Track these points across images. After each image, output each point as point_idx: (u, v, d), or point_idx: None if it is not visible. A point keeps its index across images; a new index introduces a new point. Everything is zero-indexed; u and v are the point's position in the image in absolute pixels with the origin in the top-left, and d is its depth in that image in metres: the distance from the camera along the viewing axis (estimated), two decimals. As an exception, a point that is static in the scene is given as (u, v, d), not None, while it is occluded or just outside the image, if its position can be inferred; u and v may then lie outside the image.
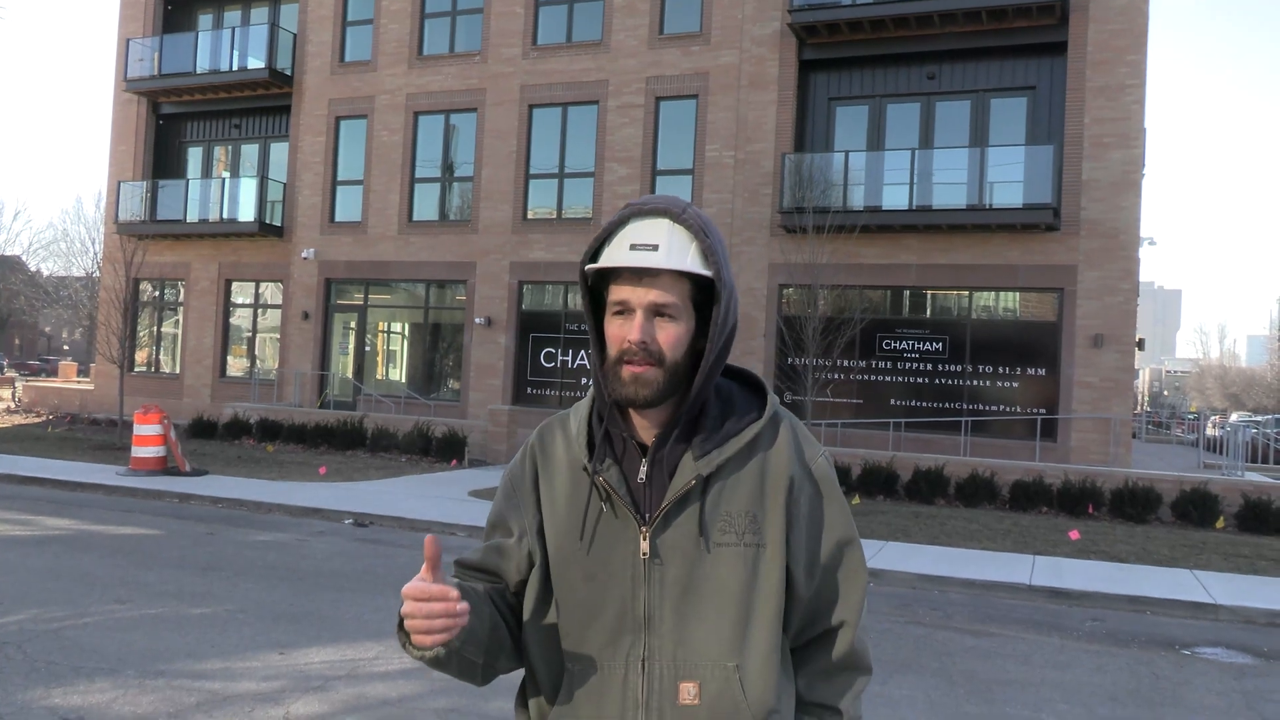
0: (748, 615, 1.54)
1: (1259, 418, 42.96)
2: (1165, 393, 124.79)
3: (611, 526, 1.57)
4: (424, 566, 1.45)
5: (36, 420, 24.11)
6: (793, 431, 1.64)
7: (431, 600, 1.43)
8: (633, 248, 1.51)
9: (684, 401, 1.57)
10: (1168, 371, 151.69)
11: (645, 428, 1.59)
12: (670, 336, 1.53)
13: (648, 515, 1.56)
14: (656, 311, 1.52)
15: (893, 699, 5.78)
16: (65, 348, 78.89)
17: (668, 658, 1.53)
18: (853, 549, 1.66)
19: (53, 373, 52.35)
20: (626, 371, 1.52)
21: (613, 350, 1.54)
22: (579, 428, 1.63)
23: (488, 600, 1.61)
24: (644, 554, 1.54)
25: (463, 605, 1.44)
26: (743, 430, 1.58)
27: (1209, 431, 32.40)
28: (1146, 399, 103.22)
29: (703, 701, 1.52)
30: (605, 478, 1.56)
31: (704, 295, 1.56)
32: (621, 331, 1.53)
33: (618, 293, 1.53)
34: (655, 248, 1.50)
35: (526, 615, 1.63)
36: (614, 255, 1.53)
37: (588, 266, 1.56)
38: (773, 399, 1.64)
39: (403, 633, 1.51)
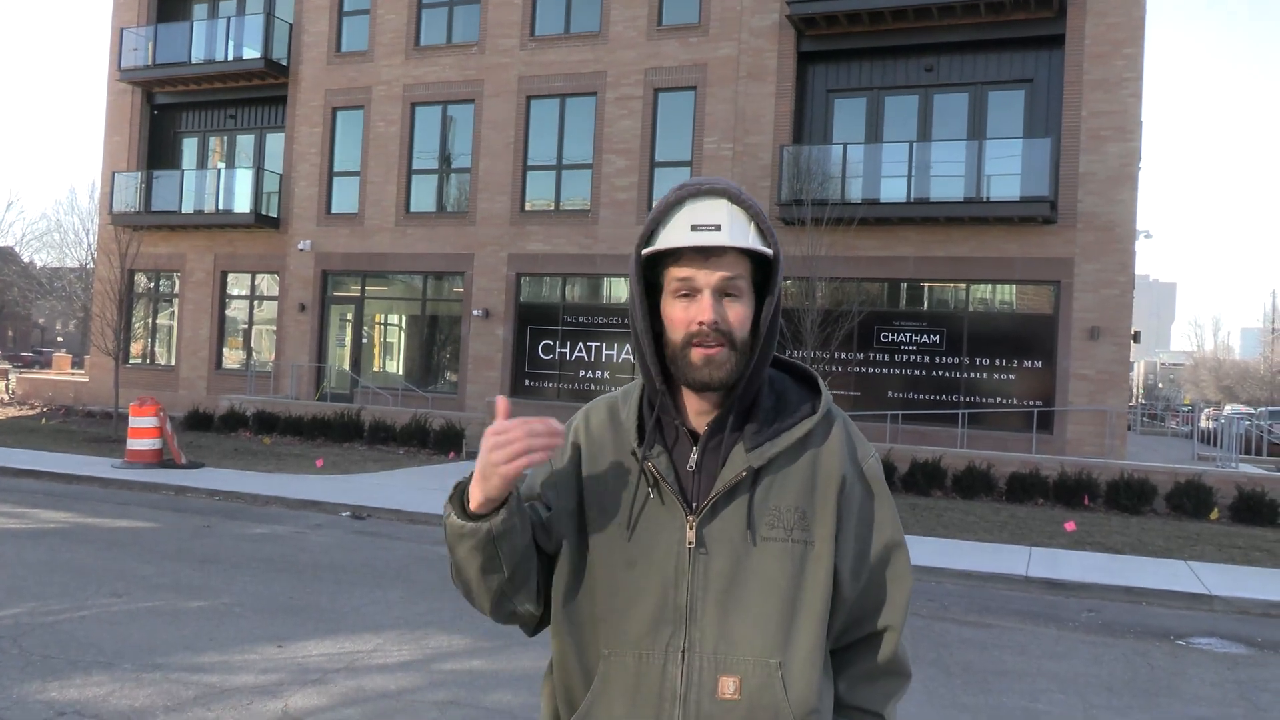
0: (793, 612, 1.52)
1: (1253, 410, 43.06)
2: (1160, 385, 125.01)
3: (658, 513, 1.54)
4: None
5: (30, 413, 24.06)
6: (845, 429, 1.62)
7: (520, 424, 1.42)
8: (694, 228, 1.49)
9: (738, 386, 1.55)
10: (1162, 364, 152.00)
11: (698, 415, 1.57)
12: (739, 315, 1.52)
13: (695, 504, 1.53)
14: (724, 291, 1.51)
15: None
16: (59, 340, 78.73)
17: (708, 650, 1.50)
18: (900, 552, 1.65)
19: (47, 365, 52.24)
20: (698, 354, 1.50)
21: (677, 334, 1.51)
22: (629, 413, 1.60)
23: (529, 521, 1.58)
24: (689, 543, 1.52)
25: (550, 432, 1.44)
26: (796, 424, 1.56)
27: (1203, 424, 32.48)
28: (1141, 391, 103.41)
29: (743, 697, 1.49)
30: (654, 464, 1.54)
31: (759, 275, 1.56)
32: (688, 314, 1.50)
33: (681, 273, 1.51)
34: (718, 227, 1.49)
35: (559, 601, 1.60)
36: (674, 237, 1.50)
37: (646, 250, 1.52)
38: (827, 394, 1.62)
39: (452, 502, 1.50)
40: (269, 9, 25.02)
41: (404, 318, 23.84)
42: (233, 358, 25.35)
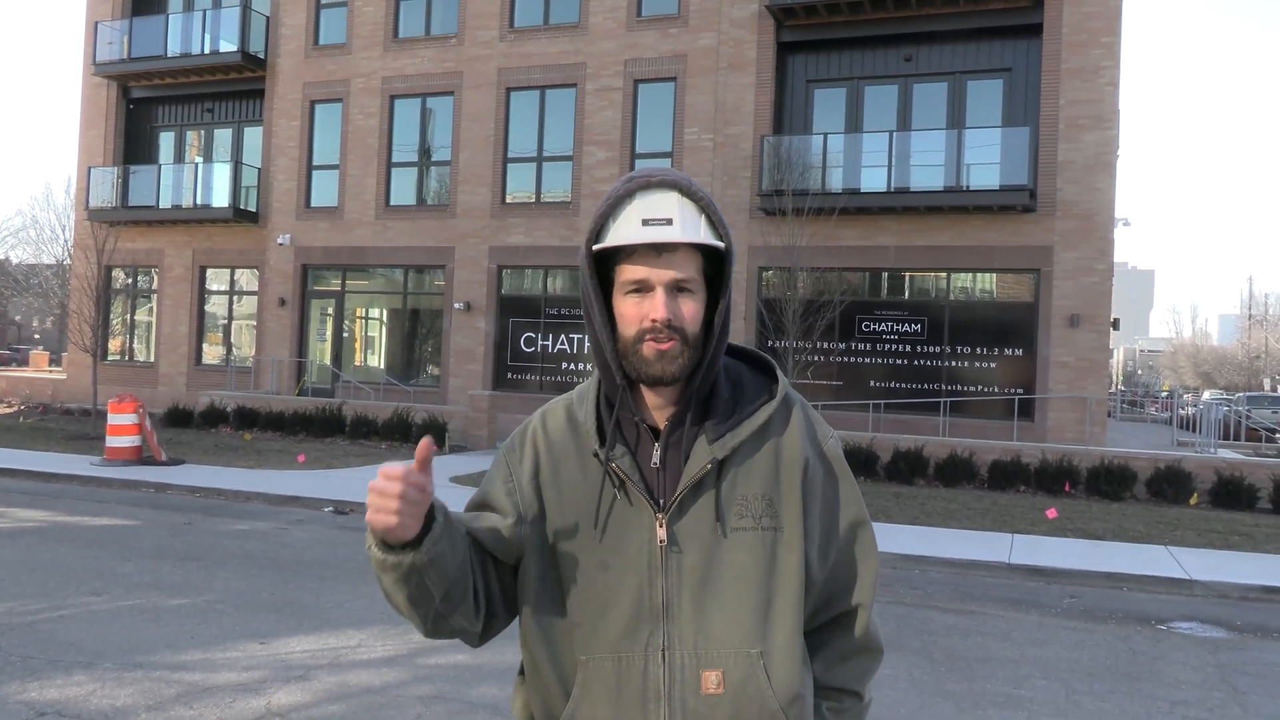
0: (769, 601, 1.51)
1: (1230, 396, 43.45)
2: (1139, 372, 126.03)
3: (625, 513, 1.52)
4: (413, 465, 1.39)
5: (8, 411, 23.83)
6: (804, 412, 1.61)
7: (401, 479, 1.37)
8: (645, 223, 1.46)
9: (694, 380, 1.53)
10: (1142, 351, 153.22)
11: (657, 410, 1.56)
12: (691, 310, 1.50)
13: (663, 501, 1.52)
14: (677, 287, 1.49)
15: (875, 679, 5.81)
16: (36, 337, 78.01)
17: (689, 646, 1.49)
18: (865, 530, 1.65)
19: (24, 362, 51.74)
20: (650, 349, 1.48)
21: (630, 330, 1.49)
22: (587, 413, 1.58)
23: (467, 541, 1.54)
24: (661, 541, 1.50)
25: (428, 489, 1.39)
26: (755, 412, 1.55)
27: (1182, 410, 32.76)
28: (1121, 378, 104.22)
29: (726, 690, 1.48)
30: (618, 464, 1.52)
31: (711, 267, 1.54)
32: (640, 310, 1.48)
33: (633, 271, 1.48)
34: (669, 222, 1.47)
35: (527, 610, 1.57)
36: (625, 232, 1.47)
37: (597, 246, 1.49)
38: (783, 380, 1.61)
39: (373, 533, 1.45)
40: (246, 2, 24.77)
41: (385, 311, 23.74)
42: (212, 353, 25.18)
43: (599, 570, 1.52)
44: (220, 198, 23.82)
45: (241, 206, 23.81)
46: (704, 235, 1.49)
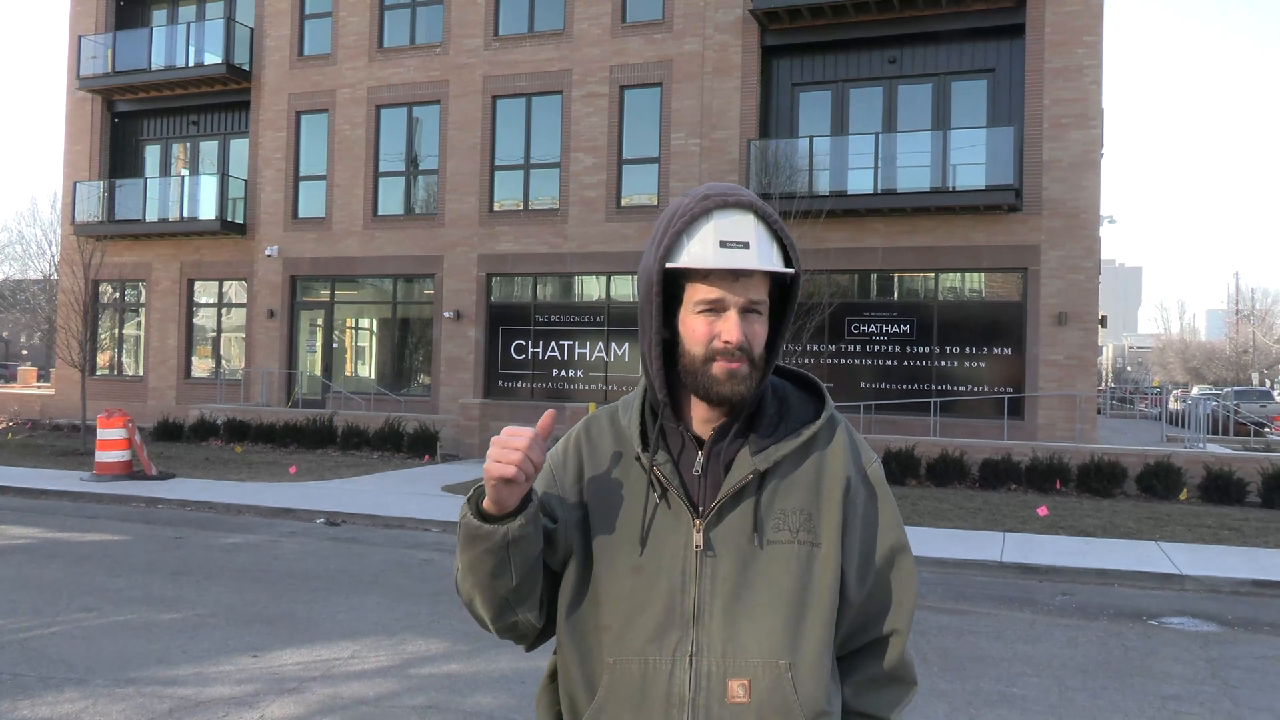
0: (801, 614, 1.51)
1: (1219, 391, 43.65)
2: (1128, 368, 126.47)
3: (664, 519, 1.54)
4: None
5: (-2, 427, 23.70)
6: (849, 435, 1.63)
7: (528, 437, 1.42)
8: (723, 245, 1.47)
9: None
10: (1130, 347, 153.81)
11: (702, 423, 1.58)
12: (759, 334, 1.52)
13: (702, 508, 1.53)
14: (748, 309, 1.51)
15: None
16: (24, 352, 77.62)
17: (717, 654, 1.49)
18: (905, 556, 1.64)
19: (12, 378, 51.47)
20: (721, 369, 1.49)
21: (698, 349, 1.51)
22: (631, 420, 1.60)
23: (542, 535, 1.56)
24: (697, 547, 1.51)
25: (539, 462, 1.44)
26: (801, 429, 1.57)
27: (1171, 405, 32.88)
28: (1110, 375, 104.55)
29: (752, 699, 1.48)
30: (660, 469, 1.54)
31: (774, 290, 1.57)
32: (712, 329, 1.50)
33: (708, 291, 1.49)
34: (746, 245, 1.48)
35: (563, 611, 1.59)
36: (703, 254, 1.48)
37: (672, 265, 1.50)
38: (830, 402, 1.63)
39: (470, 503, 1.49)
40: (229, 14, 24.76)
41: (374, 321, 23.70)
42: (202, 366, 25.10)
43: (633, 574, 1.53)
44: (207, 210, 23.76)
45: (228, 218, 23.76)
46: (778, 263, 1.51)
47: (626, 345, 20.68)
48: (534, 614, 1.58)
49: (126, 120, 26.20)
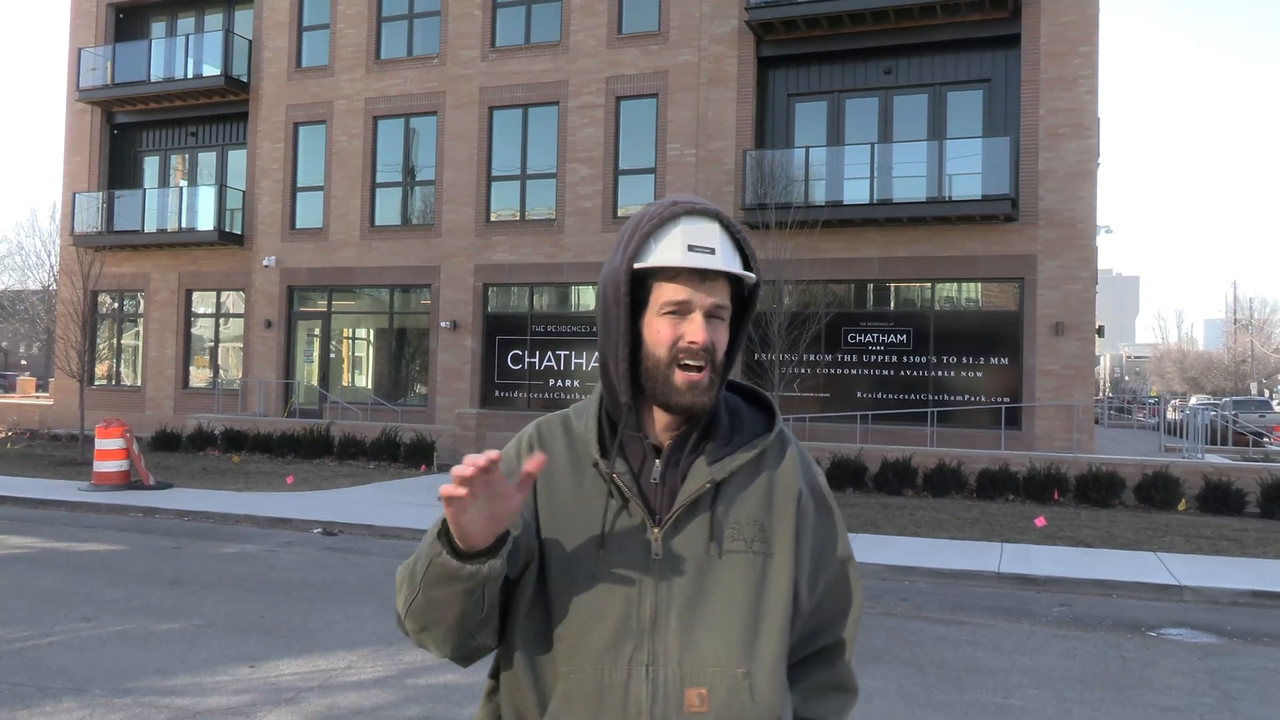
0: (756, 623, 1.52)
1: (1218, 400, 43.69)
2: (1126, 378, 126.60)
3: (622, 527, 1.53)
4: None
5: (-5, 437, 23.67)
6: (797, 448, 1.66)
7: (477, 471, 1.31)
8: (691, 248, 1.50)
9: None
10: (1128, 357, 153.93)
11: (660, 430, 1.58)
12: (722, 339, 1.54)
13: (659, 517, 1.53)
14: (712, 313, 1.52)
15: (865, 690, 5.83)
16: (23, 363, 77.55)
17: (674, 664, 1.49)
18: (853, 567, 1.68)
19: (10, 388, 51.40)
20: (683, 379, 1.50)
21: (662, 351, 1.51)
22: (588, 427, 1.59)
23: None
24: (655, 555, 1.51)
25: (512, 498, 1.36)
26: (754, 441, 1.59)
27: (1169, 415, 32.93)
28: (1108, 385, 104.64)
29: (710, 709, 1.48)
30: (619, 477, 1.54)
31: (736, 301, 1.59)
32: (676, 331, 1.51)
33: (675, 292, 1.51)
34: (713, 250, 1.51)
35: (518, 624, 1.55)
36: (671, 255, 1.50)
37: (640, 265, 1.51)
38: (780, 416, 1.66)
39: (442, 539, 1.40)
40: (228, 26, 24.84)
41: (371, 331, 23.70)
42: (199, 376, 25.09)
43: (589, 582, 1.52)
44: (205, 221, 23.78)
45: (226, 229, 23.78)
46: (741, 268, 1.55)
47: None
48: (492, 637, 1.56)
49: (125, 132, 26.24)
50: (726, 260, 1.52)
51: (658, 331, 1.52)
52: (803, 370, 17.97)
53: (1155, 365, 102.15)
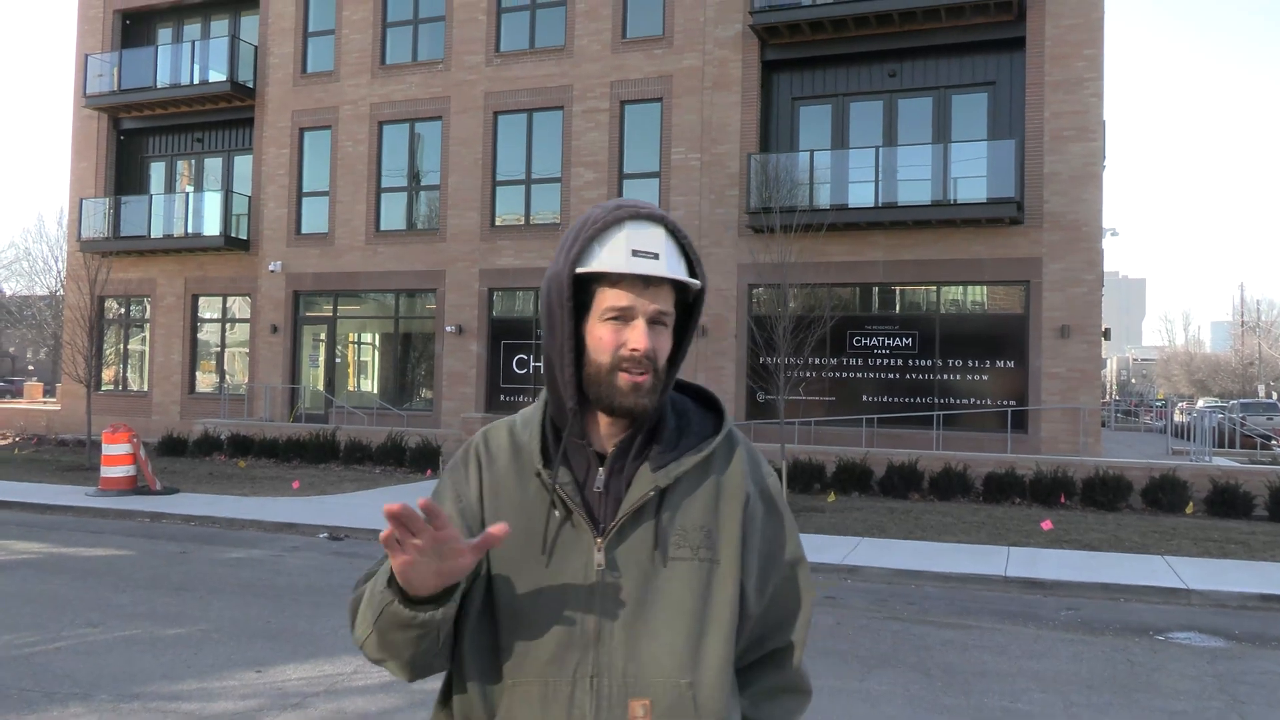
0: (701, 632, 1.51)
1: (1225, 403, 43.57)
2: (1133, 381, 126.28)
3: (566, 537, 1.52)
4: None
5: (2, 443, 23.75)
6: (746, 449, 1.63)
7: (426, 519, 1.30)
8: (635, 253, 1.48)
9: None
10: (1134, 360, 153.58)
11: (604, 437, 1.56)
12: (665, 346, 1.53)
13: (602, 526, 1.51)
14: (655, 319, 1.51)
15: (871, 694, 5.82)
16: (30, 368, 77.76)
17: (618, 674, 1.47)
18: (803, 568, 1.66)
19: (18, 394, 51.56)
20: (626, 380, 1.49)
21: (604, 357, 1.50)
22: (531, 435, 1.58)
23: None
24: (598, 566, 1.50)
25: (448, 541, 1.32)
26: (700, 445, 1.56)
27: (1176, 418, 32.81)
28: (1115, 388, 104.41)
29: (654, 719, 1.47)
30: (561, 486, 1.52)
31: (681, 307, 1.58)
32: (619, 337, 1.49)
33: (617, 298, 1.49)
34: (657, 256, 1.49)
35: (467, 635, 1.55)
36: (614, 260, 1.48)
37: (583, 269, 1.49)
38: (729, 418, 1.63)
39: (391, 587, 1.39)
40: (234, 32, 24.92)
41: (377, 336, 23.74)
42: (206, 381, 25.14)
43: (533, 593, 1.51)
44: (211, 226, 23.85)
45: (232, 234, 23.84)
46: (685, 274, 1.53)
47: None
48: (446, 661, 1.56)
49: (132, 137, 26.33)
50: (671, 266, 1.50)
51: (600, 338, 1.50)
52: (808, 374, 17.94)
53: (1162, 368, 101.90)
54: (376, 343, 23.75)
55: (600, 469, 1.54)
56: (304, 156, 23.80)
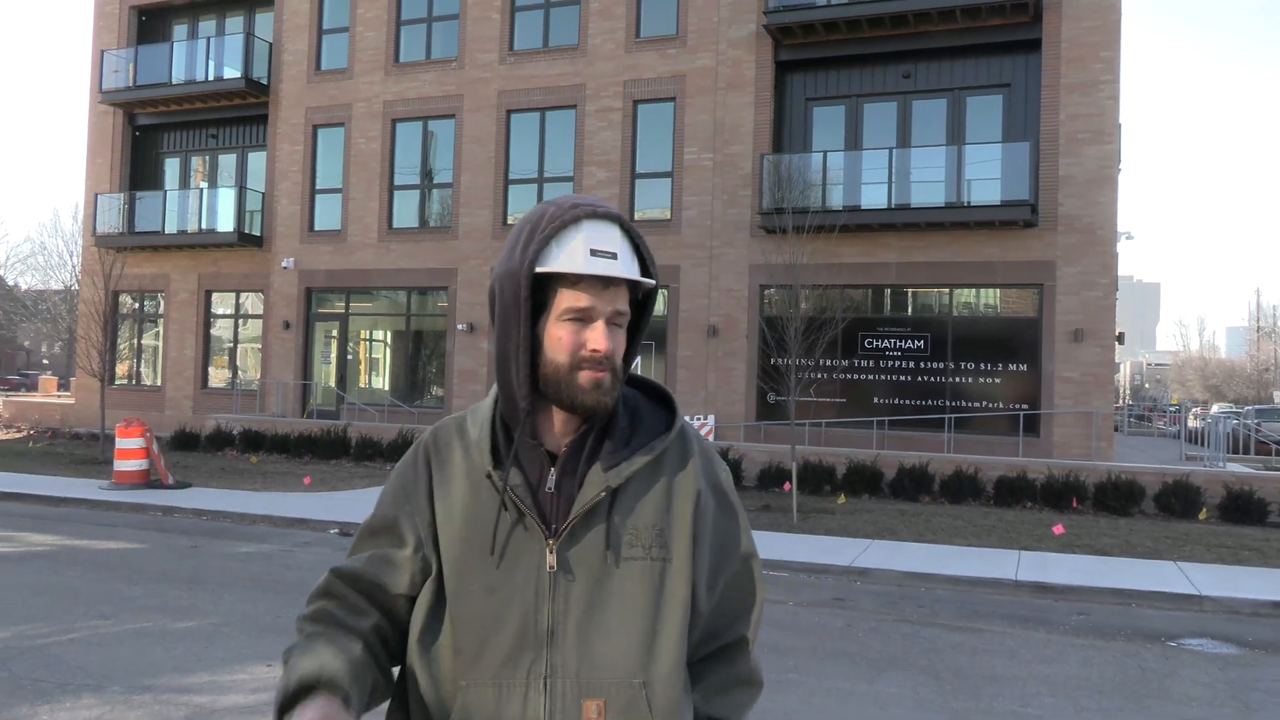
0: (654, 630, 1.50)
1: (1240, 409, 43.30)
2: (1146, 385, 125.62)
3: (518, 538, 1.51)
4: None
5: (17, 435, 23.90)
6: (699, 445, 1.62)
7: None
8: (594, 254, 1.47)
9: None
10: (1148, 364, 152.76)
11: (556, 436, 1.55)
12: (622, 345, 1.53)
13: (554, 527, 1.51)
14: (612, 320, 1.51)
15: (880, 697, 5.80)
16: (45, 362, 78.22)
17: (571, 675, 1.47)
18: (755, 563, 1.66)
19: (33, 387, 51.88)
20: (588, 378, 1.48)
21: (563, 358, 1.48)
22: (481, 434, 1.56)
23: (368, 660, 1.53)
24: (551, 567, 1.49)
25: None
26: (652, 443, 1.55)
27: (1190, 423, 32.63)
28: (1128, 392, 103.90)
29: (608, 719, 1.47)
30: (512, 487, 1.51)
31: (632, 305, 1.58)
32: (578, 338, 1.48)
33: (577, 299, 1.48)
34: (615, 256, 1.49)
35: (415, 632, 1.54)
36: (574, 261, 1.47)
37: (543, 269, 1.47)
38: (680, 413, 1.62)
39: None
40: (249, 29, 25.01)
41: (389, 333, 23.79)
42: (218, 377, 25.25)
43: (486, 594, 1.50)
44: (225, 222, 23.95)
45: (246, 231, 23.93)
46: (640, 274, 1.53)
47: (639, 358, 20.67)
48: (387, 691, 1.58)
49: (147, 133, 26.46)
50: (627, 266, 1.50)
51: (559, 338, 1.49)
52: (819, 375, 17.89)
53: (1176, 373, 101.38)
54: (388, 340, 23.81)
55: (552, 469, 1.53)
56: (317, 153, 23.88)
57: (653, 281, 1.54)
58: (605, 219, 1.51)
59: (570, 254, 1.47)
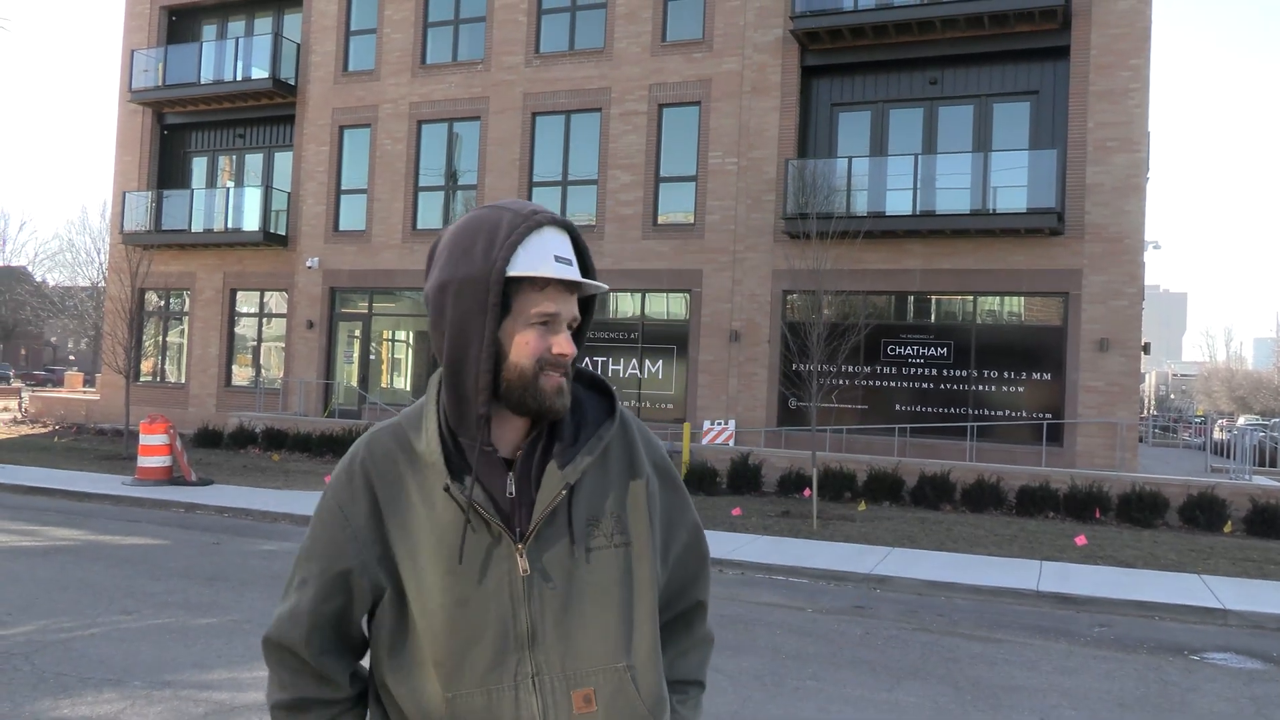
0: (629, 614, 1.56)
1: (1267, 421, 42.83)
2: (1172, 396, 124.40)
3: (484, 547, 1.51)
4: None
5: (43, 431, 24.16)
6: (639, 429, 1.68)
7: None
8: (557, 259, 1.50)
9: None
10: (1174, 375, 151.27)
11: (505, 440, 1.56)
12: (575, 348, 1.57)
13: (520, 531, 1.52)
14: (569, 324, 1.55)
15: (900, 706, 5.77)
16: (71, 358, 79.07)
17: (557, 670, 1.51)
18: (699, 532, 1.75)
19: (59, 383, 52.44)
20: (552, 384, 1.50)
21: (528, 362, 1.49)
22: (429, 445, 1.53)
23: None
24: (524, 571, 1.51)
25: None
26: (599, 434, 1.58)
27: (1216, 435, 32.31)
28: (1153, 403, 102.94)
29: (599, 706, 1.51)
30: (472, 496, 1.50)
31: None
32: (543, 343, 1.50)
33: (547, 305, 1.49)
34: (571, 262, 1.53)
35: (384, 652, 1.55)
36: (541, 266, 1.48)
37: (515, 273, 1.46)
38: (618, 399, 1.65)
39: None
40: (277, 29, 25.21)
41: (411, 334, 23.90)
42: (242, 375, 25.43)
43: (459, 607, 1.50)
44: (250, 221, 24.14)
45: (271, 230, 24.11)
46: (591, 279, 1.57)
47: (660, 362, 20.69)
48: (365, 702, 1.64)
49: (175, 132, 26.72)
50: (581, 272, 1.55)
51: (526, 342, 1.50)
52: (841, 381, 17.84)
53: (1202, 384, 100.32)
54: (410, 340, 23.92)
55: (510, 474, 1.54)
56: (343, 154, 24.03)
57: (607, 286, 1.59)
58: (559, 226, 1.54)
59: (539, 259, 1.49)
